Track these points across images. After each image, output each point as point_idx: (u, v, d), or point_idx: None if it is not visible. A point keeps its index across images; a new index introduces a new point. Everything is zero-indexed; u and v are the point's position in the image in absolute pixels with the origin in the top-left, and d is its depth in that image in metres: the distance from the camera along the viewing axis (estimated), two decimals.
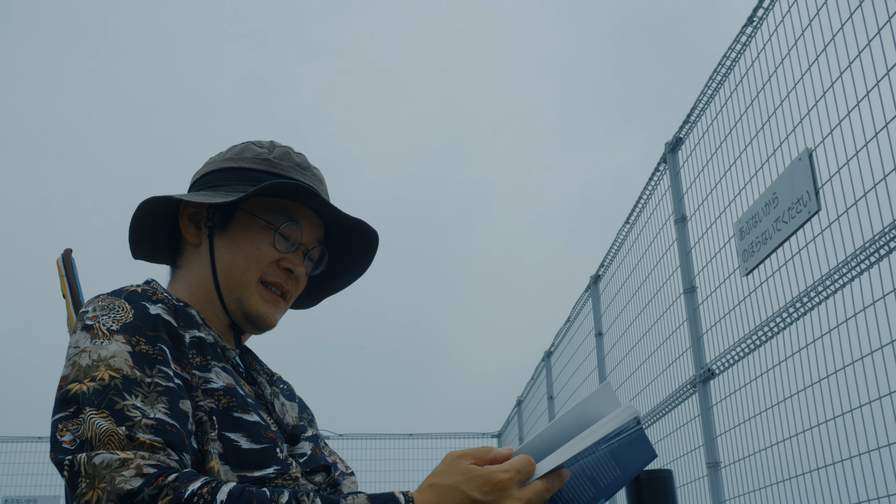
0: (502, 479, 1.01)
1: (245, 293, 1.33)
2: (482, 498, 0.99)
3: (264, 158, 1.37)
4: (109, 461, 1.00)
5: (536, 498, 1.02)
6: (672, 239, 4.37)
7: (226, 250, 1.34)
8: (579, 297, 6.47)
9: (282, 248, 1.34)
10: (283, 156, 1.38)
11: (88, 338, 1.14)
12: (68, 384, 1.09)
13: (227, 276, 1.33)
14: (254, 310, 1.33)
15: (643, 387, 4.88)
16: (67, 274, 1.60)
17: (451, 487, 1.01)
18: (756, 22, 3.42)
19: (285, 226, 1.34)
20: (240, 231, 1.34)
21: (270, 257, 1.33)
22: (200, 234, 1.36)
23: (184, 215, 1.37)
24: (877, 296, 2.65)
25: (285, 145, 1.41)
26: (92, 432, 1.03)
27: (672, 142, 4.33)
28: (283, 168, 1.36)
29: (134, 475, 0.99)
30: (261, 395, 1.33)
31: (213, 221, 1.35)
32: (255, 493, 1.01)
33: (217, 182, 1.36)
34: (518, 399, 9.04)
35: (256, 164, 1.36)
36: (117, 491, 0.98)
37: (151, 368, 1.12)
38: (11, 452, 9.86)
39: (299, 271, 1.36)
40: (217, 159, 1.40)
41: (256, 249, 1.33)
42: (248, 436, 1.19)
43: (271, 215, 1.34)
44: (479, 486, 1.00)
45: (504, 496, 1.00)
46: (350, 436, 9.95)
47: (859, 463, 2.76)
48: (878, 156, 2.63)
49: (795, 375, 3.15)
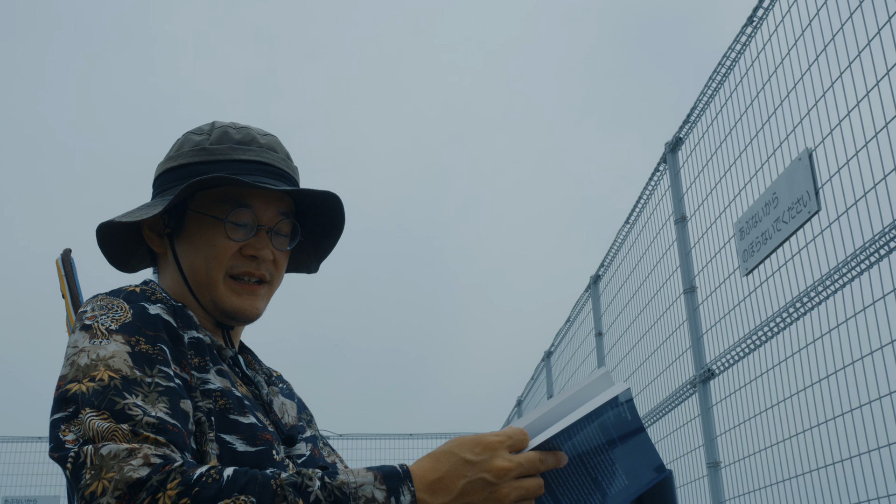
0: (493, 440, 1.03)
1: (216, 292, 1.30)
2: (474, 458, 1.02)
3: (201, 148, 1.32)
4: (117, 451, 1.00)
5: (528, 464, 1.03)
6: (672, 239, 4.37)
7: (187, 254, 1.31)
8: (579, 297, 6.47)
9: (237, 236, 1.29)
10: (220, 137, 1.32)
11: (87, 337, 1.14)
12: (67, 384, 1.09)
13: (194, 279, 1.31)
14: (228, 306, 1.30)
15: (643, 387, 4.88)
16: (67, 274, 1.60)
17: (444, 452, 1.04)
18: (756, 22, 3.42)
19: (233, 213, 1.28)
20: (193, 232, 1.31)
21: (229, 249, 1.29)
22: (164, 243, 1.34)
23: (145, 227, 1.35)
24: (877, 296, 2.65)
25: (226, 123, 1.35)
26: (93, 431, 1.03)
27: (672, 142, 4.33)
28: (221, 152, 1.31)
29: (142, 464, 0.99)
30: (258, 395, 1.33)
31: (171, 227, 1.33)
32: (259, 472, 1.01)
33: (164, 185, 1.33)
34: (518, 399, 9.04)
35: (193, 156, 1.32)
36: (126, 479, 0.97)
37: (151, 368, 1.12)
38: (11, 452, 9.87)
39: (264, 254, 1.30)
40: (163, 160, 1.37)
41: (212, 247, 1.29)
42: (243, 438, 1.18)
43: (218, 207, 1.29)
44: (470, 447, 1.03)
45: (494, 455, 1.02)
46: (350, 436, 9.95)
47: (859, 463, 2.76)
48: (878, 156, 2.63)
49: (795, 375, 3.14)
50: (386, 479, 1.01)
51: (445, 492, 1.01)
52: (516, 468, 1.02)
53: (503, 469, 1.01)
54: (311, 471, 1.03)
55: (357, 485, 1.00)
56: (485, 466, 1.01)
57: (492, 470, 1.01)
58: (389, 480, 1.01)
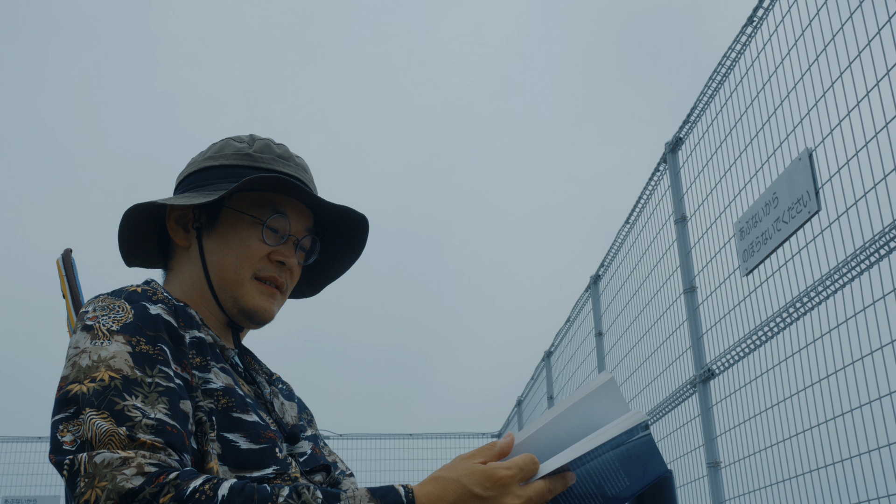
0: (504, 475, 1.01)
1: (240, 290, 1.32)
2: (483, 493, 1.00)
3: (245, 153, 1.36)
4: (111, 460, 1.00)
5: (537, 497, 1.02)
6: (672, 239, 4.37)
7: (216, 250, 1.33)
8: (579, 297, 6.47)
9: (271, 241, 1.33)
10: (263, 148, 1.37)
11: (88, 338, 1.14)
12: (68, 385, 1.09)
13: (219, 275, 1.32)
14: (250, 304, 1.33)
15: (643, 387, 4.88)
16: (67, 274, 1.60)
17: (452, 481, 1.02)
18: (756, 22, 3.42)
19: (272, 218, 1.33)
20: (227, 229, 1.33)
21: (261, 252, 1.32)
22: (189, 237, 1.36)
23: (170, 219, 1.36)
24: (877, 296, 2.65)
25: (265, 137, 1.40)
26: (92, 433, 1.03)
27: (672, 142, 4.33)
28: (264, 161, 1.35)
29: (135, 474, 0.99)
30: (260, 394, 1.33)
31: (200, 222, 1.34)
32: (256, 489, 1.01)
33: (200, 182, 1.35)
34: (518, 399, 9.04)
35: (237, 159, 1.35)
36: (119, 489, 0.97)
37: (152, 368, 1.12)
38: (11, 452, 9.86)
39: (291, 262, 1.35)
40: (198, 159, 1.39)
41: (246, 246, 1.32)
42: (246, 436, 1.19)
43: (257, 210, 1.33)
44: (480, 481, 1.01)
45: (505, 493, 1.00)
46: (350, 436, 9.95)
47: (859, 463, 2.76)
48: (878, 156, 2.63)
49: (795, 375, 3.15)
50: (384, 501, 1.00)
51: None
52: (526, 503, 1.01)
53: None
54: (311, 490, 1.02)
55: None
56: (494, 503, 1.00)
57: None
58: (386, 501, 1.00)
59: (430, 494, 1.01)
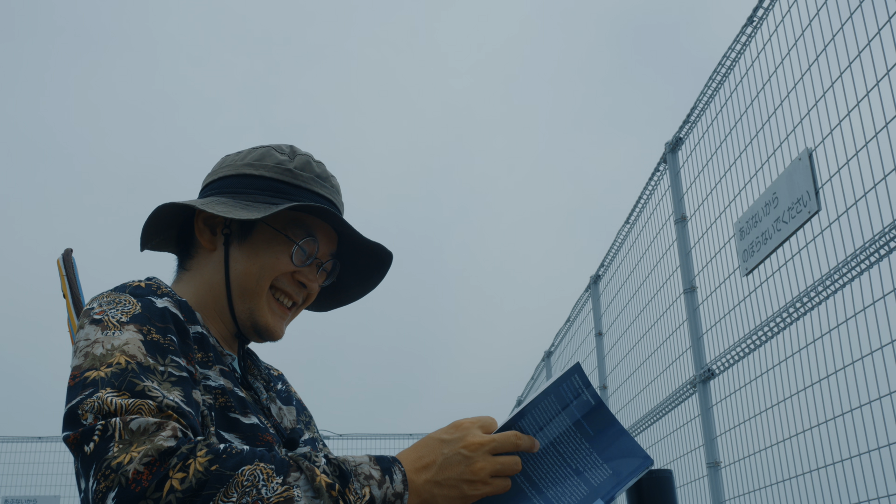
0: (463, 421, 1.14)
1: (257, 303, 1.33)
2: (448, 437, 1.12)
3: (285, 168, 1.35)
4: (147, 426, 1.01)
5: (502, 439, 1.11)
6: (672, 239, 4.37)
7: (242, 259, 1.33)
8: (579, 297, 6.47)
9: (298, 261, 1.34)
10: (303, 166, 1.36)
11: (99, 330, 1.13)
12: (84, 372, 1.08)
13: (240, 284, 1.33)
14: (262, 321, 1.34)
15: (643, 387, 4.88)
16: (68, 274, 1.60)
17: (423, 439, 1.15)
18: (756, 22, 3.42)
19: (304, 241, 1.34)
20: (260, 242, 1.33)
21: (286, 269, 1.34)
22: (215, 240, 1.35)
23: (199, 219, 1.35)
24: (877, 296, 2.65)
25: (305, 153, 1.39)
26: (116, 406, 1.03)
27: (672, 142, 4.33)
28: (303, 179, 1.35)
29: (170, 436, 1.01)
30: (257, 399, 1.33)
31: (230, 230, 1.34)
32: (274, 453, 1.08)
33: (236, 188, 1.35)
34: (518, 399, 9.04)
35: (277, 173, 1.35)
36: (157, 447, 0.99)
37: (164, 358, 1.13)
38: (11, 452, 9.87)
39: (312, 287, 1.37)
40: (236, 162, 1.38)
41: (275, 260, 1.33)
42: (243, 438, 1.19)
43: (291, 229, 1.34)
44: (445, 429, 1.14)
45: (467, 433, 1.12)
46: (350, 436, 9.96)
47: (859, 463, 2.77)
48: (878, 156, 2.63)
49: (795, 375, 3.15)
50: (379, 461, 1.10)
51: (427, 469, 1.10)
52: (490, 443, 1.11)
53: (477, 443, 1.10)
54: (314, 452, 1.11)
55: (356, 463, 1.08)
56: (459, 443, 1.11)
57: (467, 445, 1.10)
58: (382, 462, 1.10)
59: (408, 453, 1.14)
